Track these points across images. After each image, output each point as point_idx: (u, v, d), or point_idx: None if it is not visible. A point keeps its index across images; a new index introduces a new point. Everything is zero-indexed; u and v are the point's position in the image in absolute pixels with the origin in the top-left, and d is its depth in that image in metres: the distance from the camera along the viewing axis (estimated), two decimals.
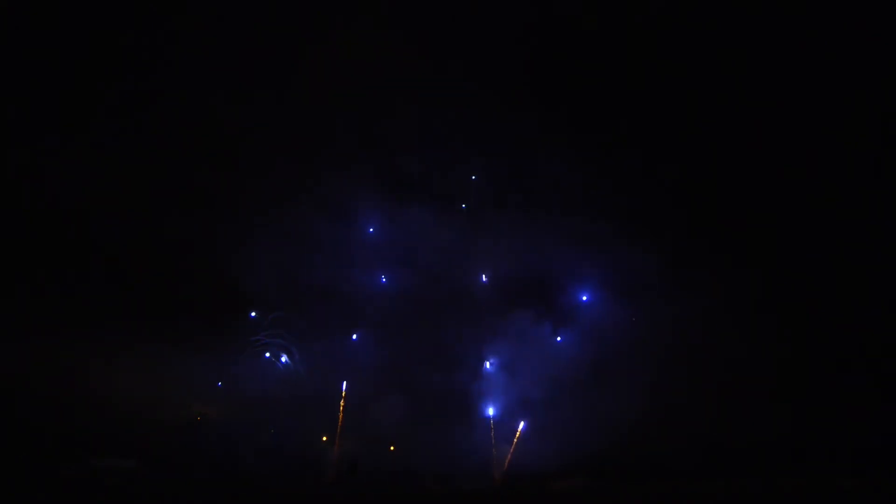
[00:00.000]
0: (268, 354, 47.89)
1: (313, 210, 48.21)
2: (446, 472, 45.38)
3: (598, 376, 46.40)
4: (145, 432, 44.45)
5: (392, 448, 46.32)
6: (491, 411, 46.50)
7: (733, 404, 44.66)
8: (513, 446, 45.91)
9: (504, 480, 45.78)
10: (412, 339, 47.73)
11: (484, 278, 49.15)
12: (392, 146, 49.20)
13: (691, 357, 45.98)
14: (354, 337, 48.19)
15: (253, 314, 48.09)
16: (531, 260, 48.44)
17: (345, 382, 46.68)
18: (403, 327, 47.94)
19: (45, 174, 46.63)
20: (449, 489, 44.80)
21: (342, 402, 46.55)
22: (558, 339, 47.99)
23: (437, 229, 48.45)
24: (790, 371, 44.69)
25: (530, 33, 48.08)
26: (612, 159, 47.49)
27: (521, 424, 46.10)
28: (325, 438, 46.38)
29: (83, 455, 43.51)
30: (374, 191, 49.01)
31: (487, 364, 47.59)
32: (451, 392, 47.13)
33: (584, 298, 49.00)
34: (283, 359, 47.88)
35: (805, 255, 45.82)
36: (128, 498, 40.54)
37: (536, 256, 48.34)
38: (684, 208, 47.48)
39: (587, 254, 47.98)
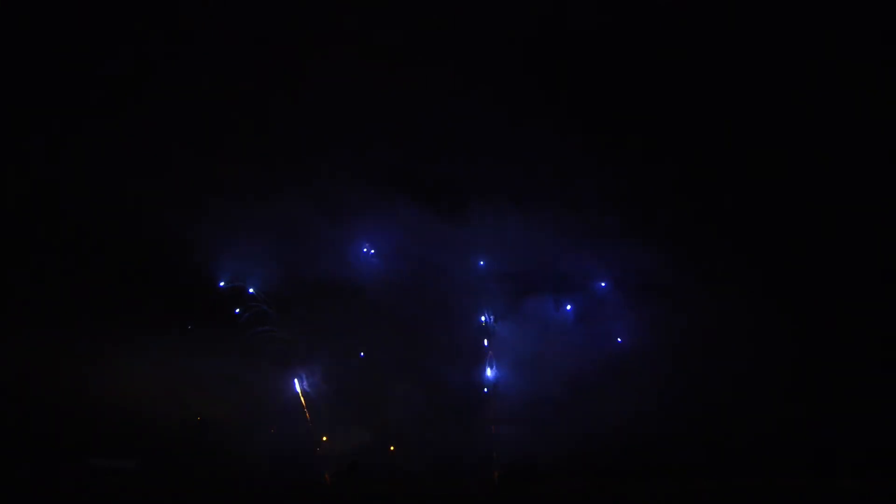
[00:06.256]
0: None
1: (317, 207, 48.25)
2: (446, 471, 45.34)
3: (601, 374, 46.44)
4: (145, 432, 44.46)
5: (392, 448, 46.39)
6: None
7: (734, 404, 44.69)
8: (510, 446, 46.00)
9: (504, 479, 45.78)
10: (416, 336, 47.71)
11: (489, 274, 49.22)
12: (396, 142, 49.21)
13: (693, 356, 46.01)
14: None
15: (238, 311, 48.08)
16: (539, 256, 48.50)
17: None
18: (408, 324, 47.90)
19: (44, 173, 46.52)
20: (449, 488, 44.76)
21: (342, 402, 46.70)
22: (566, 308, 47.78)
23: (441, 226, 48.45)
24: (791, 371, 44.76)
25: (537, 27, 47.98)
26: (623, 155, 47.41)
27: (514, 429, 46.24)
28: (325, 438, 46.44)
29: (83, 455, 43.53)
30: (376, 188, 49.00)
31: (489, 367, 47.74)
32: (452, 389, 47.19)
33: (592, 295, 49.13)
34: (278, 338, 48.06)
35: (812, 256, 45.79)
36: (128, 498, 40.54)
37: (544, 252, 48.39)
38: (697, 206, 47.47)
39: (596, 251, 48.04)
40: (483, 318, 48.88)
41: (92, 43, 46.73)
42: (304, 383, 47.18)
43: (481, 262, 49.32)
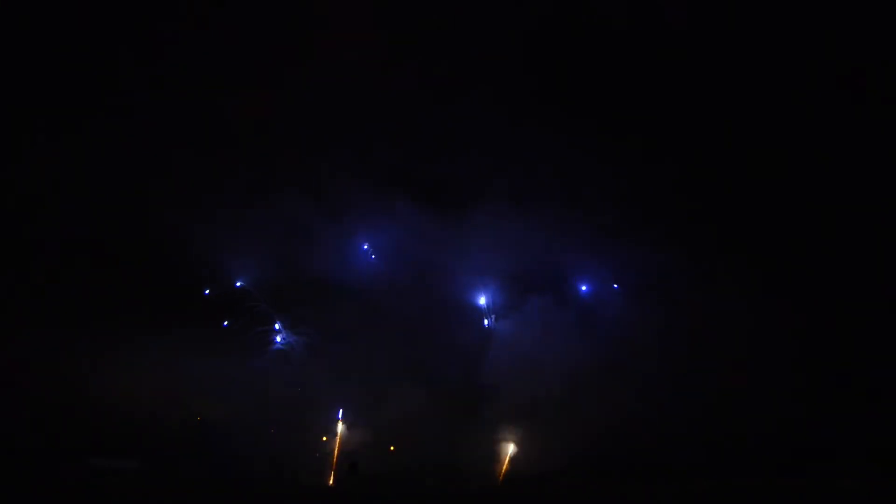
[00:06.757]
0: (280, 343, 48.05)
1: (317, 207, 48.24)
2: (447, 471, 45.32)
3: (601, 374, 46.40)
4: (146, 432, 44.47)
5: (392, 448, 46.40)
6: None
7: (734, 404, 44.68)
8: (511, 451, 46.01)
9: (506, 479, 45.81)
10: (416, 336, 47.69)
11: (489, 273, 49.21)
12: (396, 142, 49.19)
13: (693, 355, 45.99)
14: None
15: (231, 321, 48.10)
16: (539, 255, 48.50)
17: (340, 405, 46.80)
18: (407, 324, 47.88)
19: (43, 172, 46.47)
20: (449, 489, 44.78)
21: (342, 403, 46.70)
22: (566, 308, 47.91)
23: (441, 226, 48.45)
24: (791, 371, 44.74)
25: (537, 27, 47.95)
26: (623, 155, 47.37)
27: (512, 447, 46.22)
28: (325, 438, 46.44)
29: (83, 455, 43.54)
30: (377, 188, 49.01)
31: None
32: (453, 389, 47.16)
33: (592, 294, 49.14)
34: (278, 337, 47.97)
35: (812, 255, 45.77)
36: (128, 498, 40.56)
37: (544, 252, 48.39)
38: (697, 206, 47.45)
39: (596, 251, 48.05)
40: (483, 306, 49.09)
41: (90, 42, 46.79)
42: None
43: (481, 262, 49.30)
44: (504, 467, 45.87)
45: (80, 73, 46.82)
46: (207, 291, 48.19)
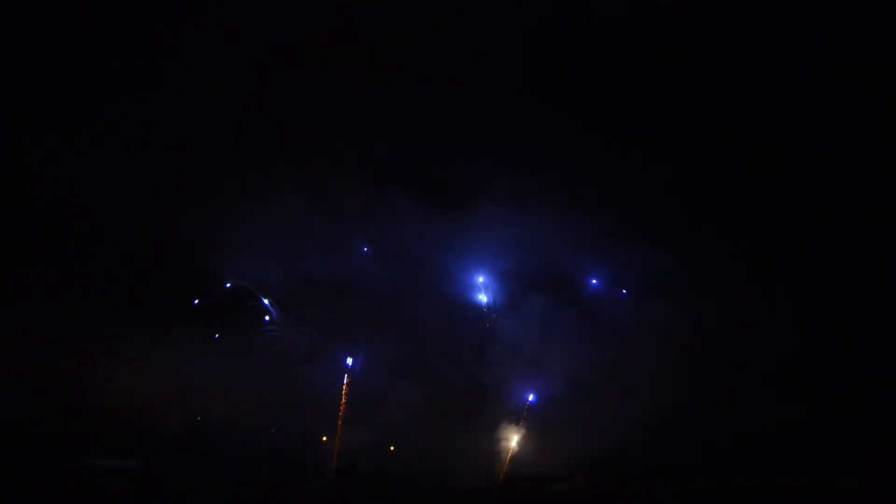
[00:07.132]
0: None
1: (318, 208, 48.33)
2: (447, 472, 45.35)
3: (602, 375, 46.43)
4: (146, 432, 44.52)
5: (392, 448, 46.43)
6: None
7: (734, 404, 44.72)
8: (511, 451, 46.00)
9: (506, 480, 45.83)
10: (416, 336, 47.73)
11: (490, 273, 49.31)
12: (396, 142, 49.25)
13: (694, 357, 46.03)
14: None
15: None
16: (539, 255, 48.59)
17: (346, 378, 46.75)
18: (408, 323, 47.92)
19: (44, 174, 46.51)
20: (449, 489, 44.81)
21: (343, 401, 46.67)
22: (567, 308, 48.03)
23: (442, 225, 48.52)
24: (791, 372, 44.79)
25: (538, 28, 48.00)
26: (623, 155, 47.42)
27: (531, 397, 46.01)
28: (325, 438, 46.45)
29: (83, 455, 43.61)
30: (377, 188, 49.07)
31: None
32: (454, 390, 47.23)
33: (592, 294, 49.23)
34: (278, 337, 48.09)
35: (812, 256, 45.83)
36: (128, 498, 40.60)
37: (544, 252, 48.48)
38: (697, 206, 47.52)
39: (597, 250, 48.15)
40: (484, 305, 49.17)
41: (91, 44, 46.82)
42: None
43: (482, 262, 49.35)
44: (504, 467, 45.91)
45: (78, 74, 46.82)
46: (196, 302, 48.32)
